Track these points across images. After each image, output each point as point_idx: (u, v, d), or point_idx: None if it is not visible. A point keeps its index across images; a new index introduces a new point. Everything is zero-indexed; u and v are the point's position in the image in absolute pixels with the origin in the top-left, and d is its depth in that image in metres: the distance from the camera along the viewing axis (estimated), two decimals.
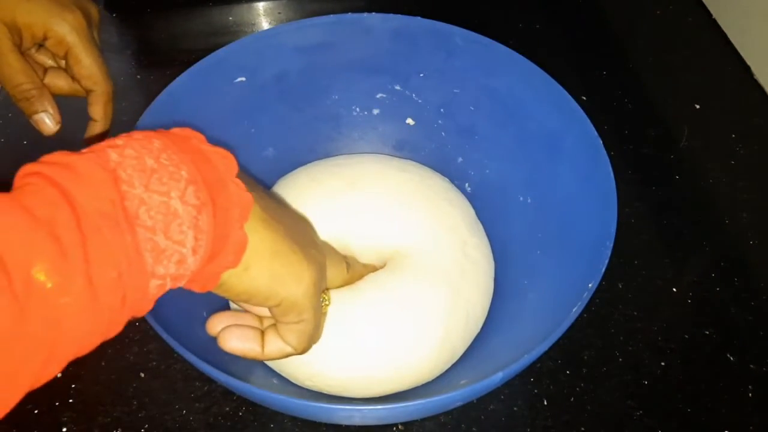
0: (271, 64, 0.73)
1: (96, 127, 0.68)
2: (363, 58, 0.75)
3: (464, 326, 0.67)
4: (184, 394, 0.68)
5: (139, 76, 0.92)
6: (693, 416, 0.69)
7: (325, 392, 0.65)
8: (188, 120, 0.67)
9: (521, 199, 0.72)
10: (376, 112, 0.79)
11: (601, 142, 0.63)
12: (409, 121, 0.79)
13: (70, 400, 0.68)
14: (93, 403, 0.68)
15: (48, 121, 0.64)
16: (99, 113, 0.67)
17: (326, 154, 0.80)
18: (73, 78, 0.67)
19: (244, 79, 0.70)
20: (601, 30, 1.05)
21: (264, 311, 0.55)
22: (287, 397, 0.53)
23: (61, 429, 0.66)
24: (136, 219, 0.38)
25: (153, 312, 0.52)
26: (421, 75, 0.76)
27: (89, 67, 0.65)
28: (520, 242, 0.71)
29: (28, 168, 0.37)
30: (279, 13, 1.06)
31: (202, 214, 0.41)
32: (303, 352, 0.55)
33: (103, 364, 0.69)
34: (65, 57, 0.65)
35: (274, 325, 0.54)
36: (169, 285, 0.40)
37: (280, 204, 0.52)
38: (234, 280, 0.47)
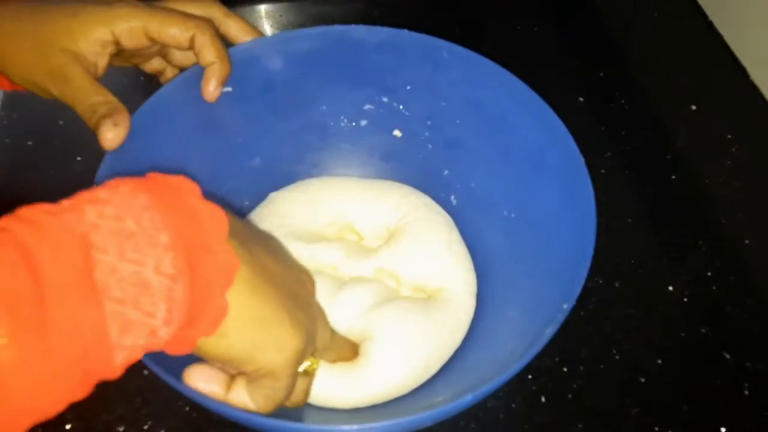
0: (258, 74, 0.73)
1: (215, 70, 0.66)
2: (350, 69, 0.75)
3: (438, 342, 0.67)
4: None
5: (142, 78, 0.93)
6: (689, 414, 0.69)
7: None
8: (173, 129, 0.67)
9: (505, 213, 0.72)
10: (363, 123, 0.79)
11: (584, 161, 0.62)
12: (397, 132, 0.79)
13: None
14: (96, 401, 0.67)
15: (110, 133, 0.59)
16: (212, 53, 0.65)
17: (313, 165, 0.80)
18: (163, 40, 0.65)
19: (230, 89, 0.70)
20: (599, 31, 1.06)
21: None
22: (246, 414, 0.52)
23: (65, 426, 0.66)
24: (105, 290, 0.36)
25: None
26: (409, 87, 0.76)
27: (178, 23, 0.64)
28: (503, 257, 0.72)
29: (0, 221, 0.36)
30: (280, 15, 1.07)
31: (177, 284, 0.39)
32: (266, 413, 0.51)
33: None
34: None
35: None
36: (139, 354, 0.39)
37: (280, 254, 0.52)
38: (210, 345, 0.45)
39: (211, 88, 0.67)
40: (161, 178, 0.43)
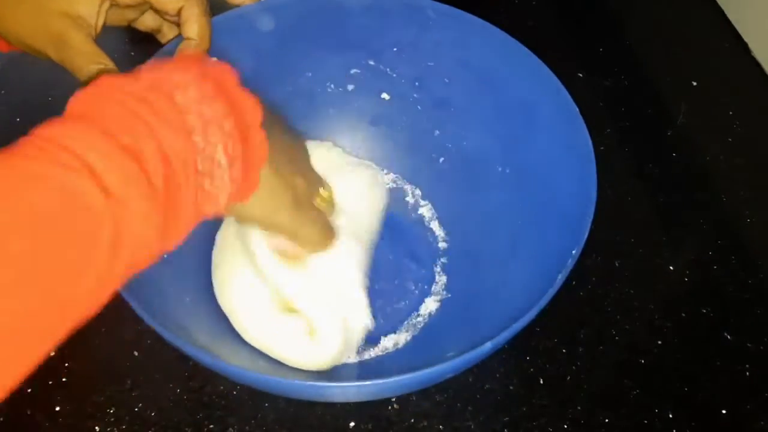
0: (242, 42, 0.72)
1: (191, 46, 0.65)
2: (335, 34, 0.75)
3: None
4: (178, 373, 0.68)
5: (132, 53, 0.92)
6: (690, 395, 0.69)
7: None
8: None
9: (500, 169, 0.72)
10: (350, 87, 0.79)
11: (578, 108, 0.63)
12: (385, 95, 0.79)
13: (64, 379, 0.67)
14: (86, 382, 0.67)
15: None
16: (194, 30, 0.64)
17: (301, 131, 0.78)
18: (156, 7, 0.64)
19: (215, 59, 0.69)
20: (598, 6, 1.04)
21: None
22: (271, 377, 0.53)
23: (55, 408, 0.66)
24: (195, 164, 0.44)
25: (136, 295, 0.54)
26: (395, 49, 0.75)
27: None
28: (501, 212, 0.71)
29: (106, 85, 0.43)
30: None
31: (235, 165, 0.46)
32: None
33: (97, 342, 0.69)
34: None
35: None
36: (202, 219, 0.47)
37: (292, 145, 0.60)
38: (240, 209, 0.52)
39: None
40: (210, 62, 0.50)
